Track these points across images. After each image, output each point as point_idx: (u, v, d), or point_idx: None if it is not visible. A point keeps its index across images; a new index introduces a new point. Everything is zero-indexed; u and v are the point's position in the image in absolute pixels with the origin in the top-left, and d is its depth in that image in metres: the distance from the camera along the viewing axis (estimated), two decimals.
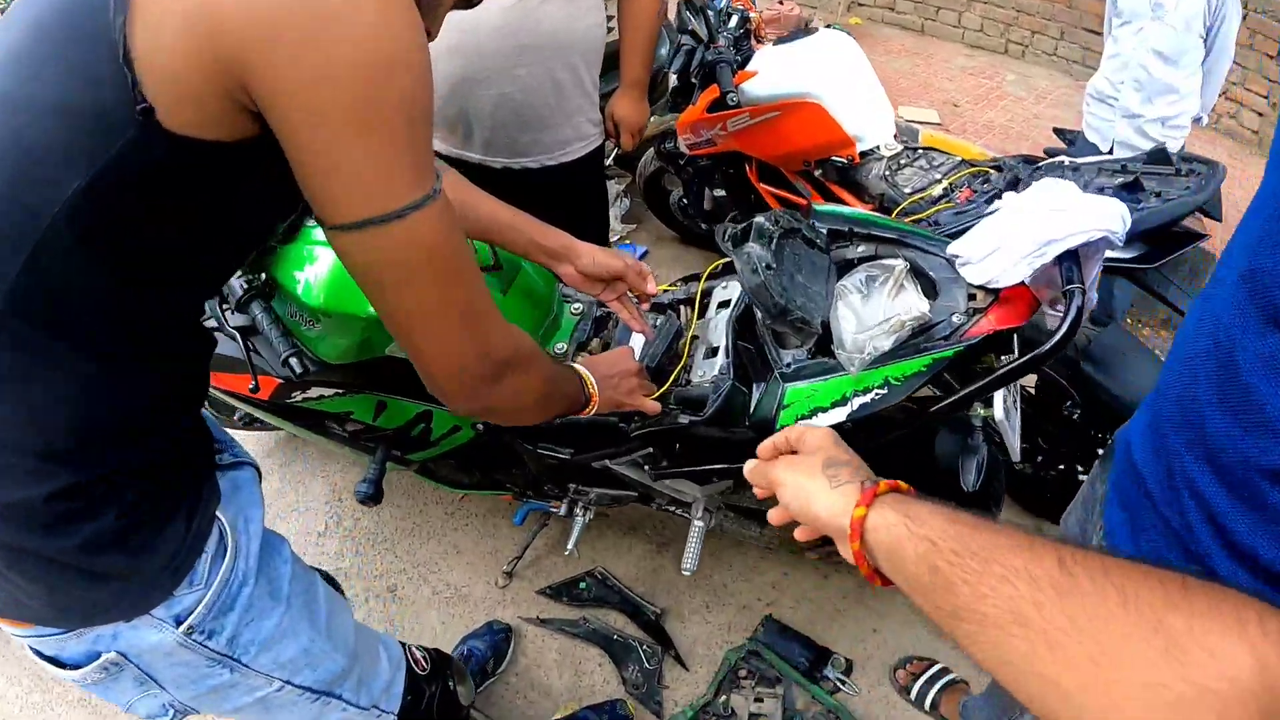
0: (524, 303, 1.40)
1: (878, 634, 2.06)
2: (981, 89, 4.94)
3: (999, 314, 1.15)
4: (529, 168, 1.90)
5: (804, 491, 0.69)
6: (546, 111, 1.84)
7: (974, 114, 4.58)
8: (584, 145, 1.95)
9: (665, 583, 2.18)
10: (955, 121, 4.47)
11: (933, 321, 1.16)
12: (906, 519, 0.58)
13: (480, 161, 1.89)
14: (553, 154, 1.91)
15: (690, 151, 2.74)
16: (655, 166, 3.13)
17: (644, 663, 1.99)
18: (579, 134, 1.93)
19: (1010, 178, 1.87)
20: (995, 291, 1.17)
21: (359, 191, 0.66)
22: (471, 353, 0.81)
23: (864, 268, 1.28)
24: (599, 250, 1.32)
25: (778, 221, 1.23)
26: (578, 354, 1.48)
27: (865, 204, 2.17)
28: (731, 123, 2.41)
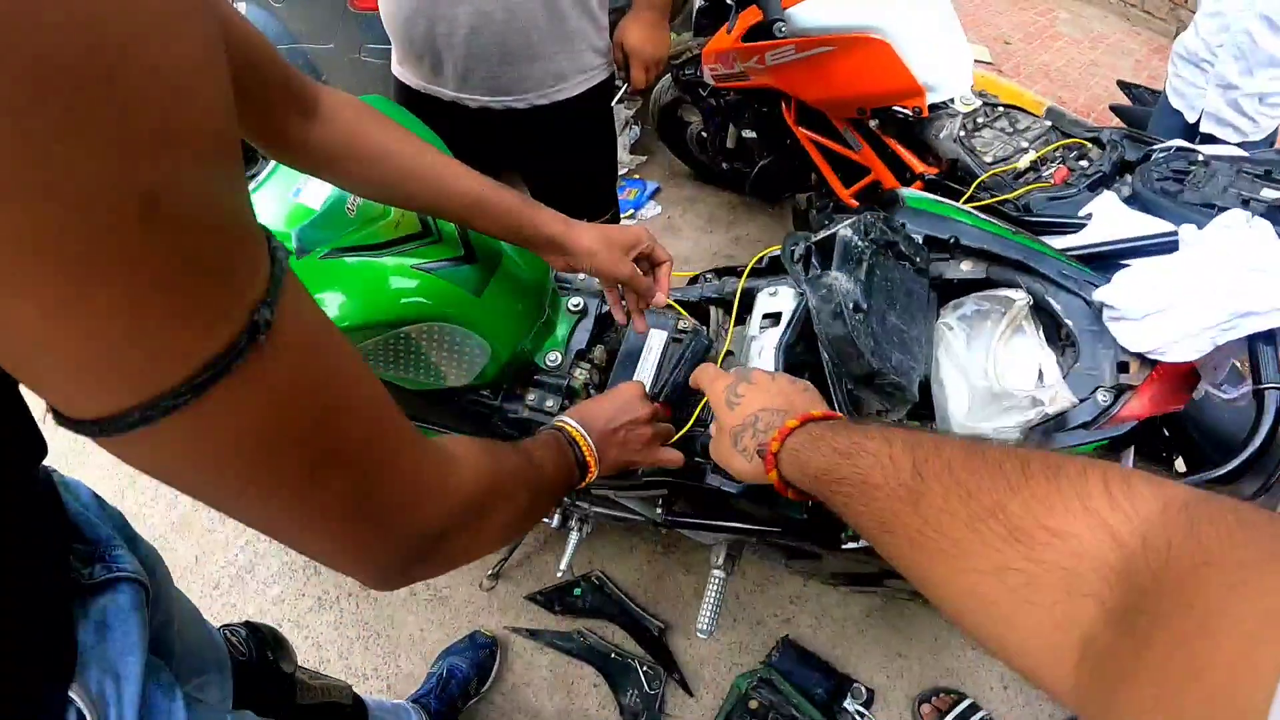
0: (506, 304, 1.08)
1: (903, 659, 1.85)
2: (1034, 26, 4.47)
3: (1154, 394, 0.86)
4: (514, 108, 1.53)
5: (732, 466, 0.79)
6: (537, 36, 1.44)
7: (1027, 55, 4.12)
8: (585, 79, 1.57)
9: (669, 592, 1.94)
10: (1008, 61, 4.02)
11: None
12: (801, 472, 0.65)
13: (454, 99, 1.52)
14: (544, 91, 1.53)
15: (716, 84, 2.36)
16: (672, 95, 2.73)
17: (644, 686, 1.78)
18: (579, 65, 1.54)
19: (1116, 158, 1.52)
20: (1152, 362, 0.87)
21: (74, 374, 0.32)
22: (382, 545, 0.51)
23: (972, 300, 0.97)
24: (602, 249, 0.99)
25: (867, 232, 0.91)
26: (576, 364, 1.17)
27: (930, 168, 1.83)
28: (772, 55, 2.03)
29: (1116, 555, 0.37)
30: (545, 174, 1.76)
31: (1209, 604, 0.30)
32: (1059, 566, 0.38)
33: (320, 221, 0.96)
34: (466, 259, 1.01)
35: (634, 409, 0.96)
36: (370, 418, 0.46)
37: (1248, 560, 0.30)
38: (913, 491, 0.50)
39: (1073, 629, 0.37)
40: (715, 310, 1.25)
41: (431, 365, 1.06)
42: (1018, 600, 0.40)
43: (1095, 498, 0.39)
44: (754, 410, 0.76)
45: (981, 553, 0.43)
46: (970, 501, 0.45)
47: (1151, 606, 0.33)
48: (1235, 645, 0.27)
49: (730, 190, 3.05)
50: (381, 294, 0.97)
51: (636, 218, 2.99)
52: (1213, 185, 1.34)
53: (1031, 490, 0.42)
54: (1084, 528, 0.39)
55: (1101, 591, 0.36)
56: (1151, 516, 0.37)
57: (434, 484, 0.53)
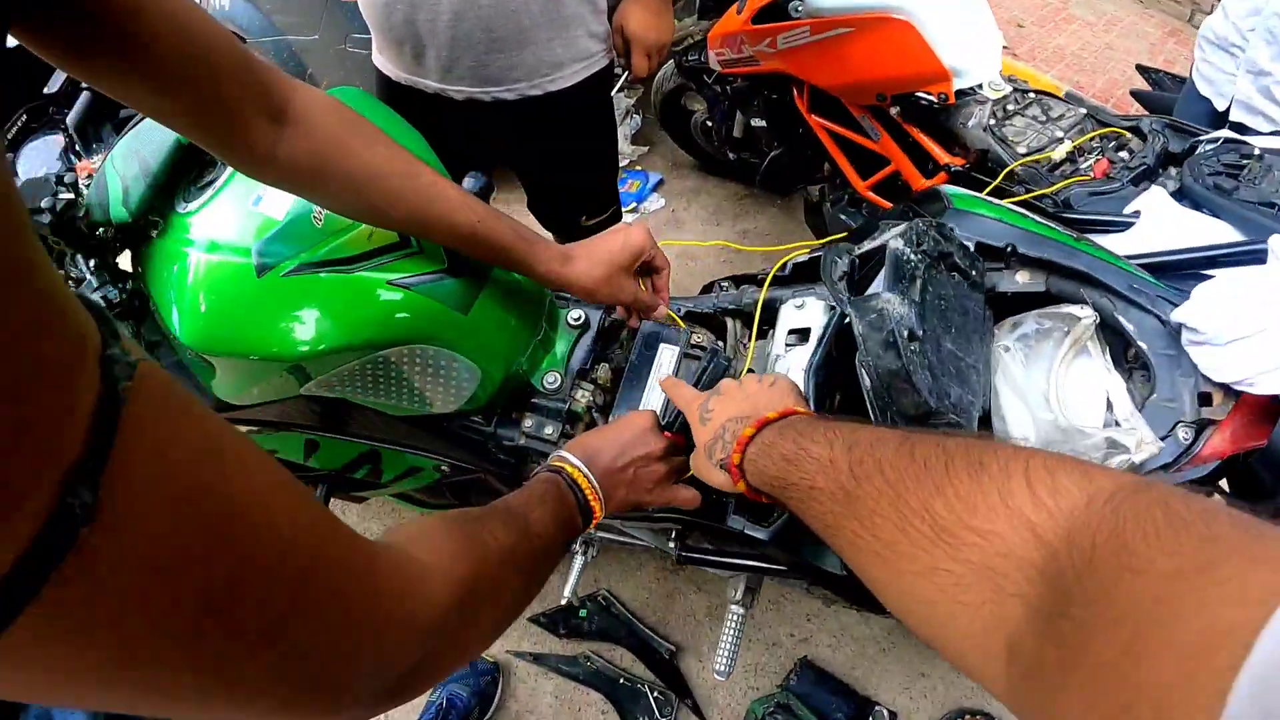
0: (496, 321, 0.96)
1: (926, 679, 1.75)
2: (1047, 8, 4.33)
3: (1235, 429, 0.75)
4: (503, 99, 1.39)
5: (712, 481, 0.75)
6: (529, 21, 1.31)
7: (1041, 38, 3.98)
8: (582, 68, 1.43)
9: (680, 611, 1.84)
10: (1022, 44, 3.88)
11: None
12: (761, 480, 0.64)
13: (438, 91, 1.38)
14: (536, 81, 1.38)
15: (723, 70, 2.23)
16: (676, 83, 2.60)
17: (655, 712, 1.68)
18: (575, 52, 1.40)
19: (1160, 149, 1.40)
20: (1237, 394, 0.76)
21: None
22: (338, 703, 0.39)
23: (1033, 318, 0.85)
24: (602, 280, 0.91)
25: (919, 243, 0.79)
26: (577, 385, 1.05)
27: (957, 159, 1.70)
28: (784, 38, 1.90)
29: (1040, 554, 0.35)
30: (540, 171, 1.63)
31: (1136, 620, 0.28)
32: (985, 567, 0.38)
33: (283, 234, 0.84)
34: (450, 272, 0.89)
35: (645, 443, 0.85)
36: (300, 562, 0.34)
37: (1175, 570, 0.28)
38: (849, 494, 0.49)
39: (1000, 629, 0.36)
40: (732, 323, 1.13)
41: (415, 391, 0.94)
42: (950, 601, 0.39)
43: (1017, 495, 0.38)
44: (721, 422, 0.73)
45: (912, 554, 0.42)
46: (899, 503, 0.44)
47: (1076, 613, 0.31)
48: (1167, 677, 0.25)
49: (737, 182, 2.93)
50: (354, 315, 0.85)
51: (639, 211, 2.87)
52: (1270, 181, 1.22)
53: (955, 489, 0.41)
54: (1006, 526, 0.37)
55: (1027, 592, 0.35)
56: (1075, 513, 0.35)
57: (396, 615, 0.42)
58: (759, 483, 0.65)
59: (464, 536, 0.55)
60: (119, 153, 0.89)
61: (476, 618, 0.52)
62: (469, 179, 1.14)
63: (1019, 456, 0.40)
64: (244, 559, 0.30)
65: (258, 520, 0.31)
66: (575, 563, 1.47)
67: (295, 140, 0.71)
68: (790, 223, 2.78)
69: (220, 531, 0.29)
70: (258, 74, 0.67)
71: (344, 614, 0.37)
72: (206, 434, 0.30)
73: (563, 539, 0.72)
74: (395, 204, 0.78)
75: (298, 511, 0.34)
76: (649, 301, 0.97)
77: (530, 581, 0.65)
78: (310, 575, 0.34)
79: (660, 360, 1.04)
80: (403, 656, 0.42)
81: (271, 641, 0.32)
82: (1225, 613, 0.25)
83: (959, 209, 0.91)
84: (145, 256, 0.90)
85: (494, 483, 1.16)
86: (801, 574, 0.91)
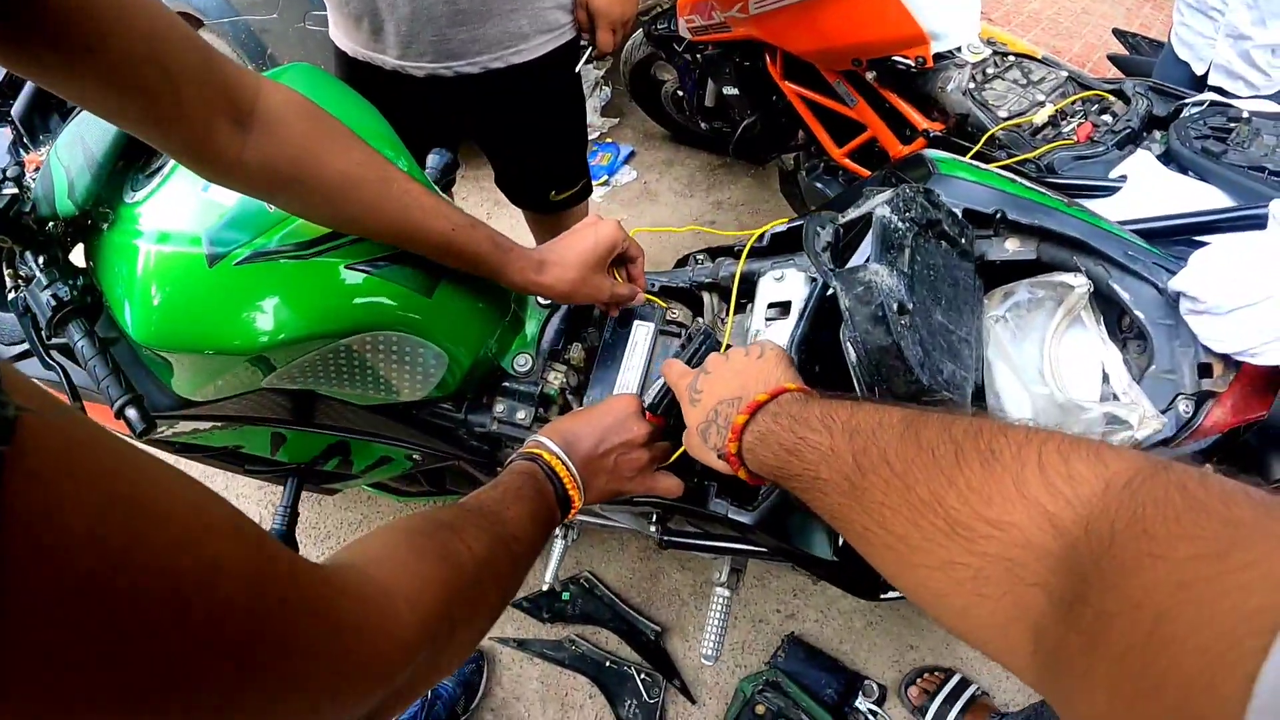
0: (462, 304, 0.90)
1: (915, 651, 1.75)
2: None
3: (1236, 401, 0.73)
4: (466, 74, 1.33)
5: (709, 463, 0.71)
6: None
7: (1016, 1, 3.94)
8: (549, 39, 1.37)
9: (665, 591, 1.81)
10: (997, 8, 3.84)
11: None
12: (760, 468, 0.62)
13: (396, 67, 1.32)
14: (500, 54, 1.33)
15: (693, 38, 2.17)
16: (645, 52, 2.53)
17: (642, 694, 1.66)
18: (541, 24, 1.34)
19: (1144, 112, 1.37)
20: (1237, 364, 0.73)
21: None
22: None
23: (1024, 286, 0.82)
24: (578, 284, 0.89)
25: (906, 210, 0.75)
26: (549, 367, 1.01)
27: (935, 124, 1.66)
28: (756, 3, 1.84)
29: (1059, 544, 0.35)
30: (507, 145, 1.57)
31: (1158, 605, 0.27)
32: (1003, 559, 0.37)
33: (235, 221, 0.78)
34: (411, 254, 0.84)
35: (628, 429, 0.81)
36: (245, 623, 0.30)
37: (1197, 554, 0.27)
38: (855, 486, 0.48)
39: (1023, 620, 0.36)
40: (709, 297, 1.09)
41: (381, 379, 0.90)
42: (968, 593, 0.39)
43: (1032, 483, 0.37)
44: (713, 404, 0.70)
45: (926, 548, 0.41)
46: (909, 494, 0.43)
47: (1096, 599, 0.30)
48: (1192, 661, 0.25)
49: (710, 152, 2.88)
50: (313, 303, 0.80)
51: (610, 184, 2.81)
52: (1259, 145, 1.20)
53: (967, 479, 0.40)
54: (1024, 517, 0.37)
55: (1047, 581, 0.34)
56: (1092, 499, 0.35)
57: (358, 656, 0.37)
58: (760, 471, 0.63)
59: (435, 552, 0.50)
60: (63, 142, 0.84)
61: (450, 641, 0.48)
62: (433, 156, 1.08)
63: (1031, 442, 0.39)
64: (173, 637, 0.26)
65: (187, 583, 0.27)
66: (556, 547, 1.43)
67: (263, 145, 0.66)
68: (765, 192, 2.74)
69: (141, 614, 0.25)
70: (219, 73, 0.62)
71: (301, 667, 0.33)
72: (114, 491, 0.25)
73: (541, 536, 0.69)
74: (370, 214, 0.75)
75: (238, 558, 0.30)
76: (626, 295, 0.95)
77: (508, 590, 0.61)
78: (258, 635, 0.30)
79: (635, 338, 0.99)
80: (366, 700, 0.38)
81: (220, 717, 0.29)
82: (1250, 597, 0.25)
83: (944, 173, 0.88)
84: (96, 250, 0.85)
85: (469, 469, 1.12)
86: (788, 559, 0.88)
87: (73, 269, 0.84)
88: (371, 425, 1.03)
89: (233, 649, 0.29)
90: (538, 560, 1.34)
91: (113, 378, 0.77)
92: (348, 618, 0.37)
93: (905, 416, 0.49)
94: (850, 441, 0.50)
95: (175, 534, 0.27)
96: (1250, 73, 2.02)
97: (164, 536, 0.27)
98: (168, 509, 0.27)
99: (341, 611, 0.37)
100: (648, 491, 0.84)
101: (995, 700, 1.64)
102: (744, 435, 0.64)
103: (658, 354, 0.99)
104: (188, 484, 0.30)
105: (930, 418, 0.47)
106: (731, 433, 0.64)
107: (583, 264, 0.87)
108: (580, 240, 0.89)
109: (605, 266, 0.91)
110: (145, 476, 0.27)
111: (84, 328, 0.80)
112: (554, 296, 0.89)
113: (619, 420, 0.81)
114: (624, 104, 3.03)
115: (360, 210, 0.74)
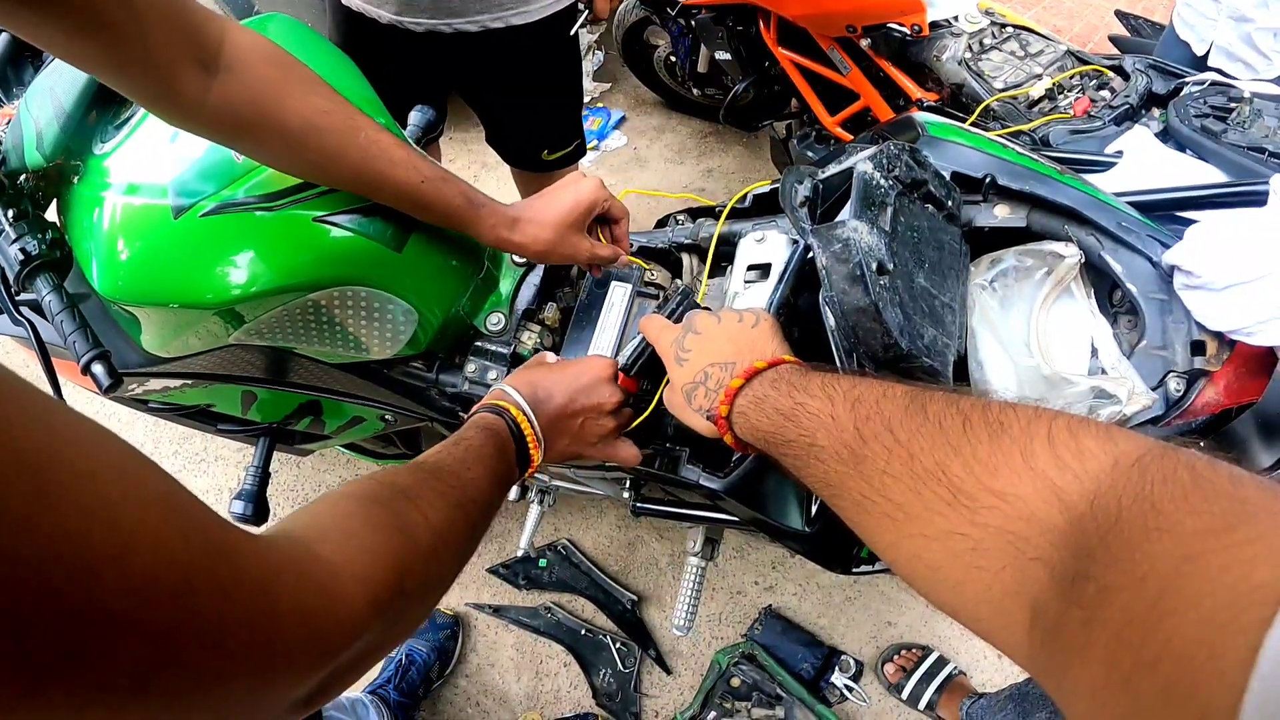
0: (434, 259, 0.87)
1: (893, 627, 1.75)
2: None
3: (1229, 381, 0.71)
4: (464, 31, 1.30)
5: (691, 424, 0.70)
6: None
7: None
8: (549, 4, 1.34)
9: (642, 560, 1.80)
10: None
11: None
12: (752, 435, 0.60)
13: (393, 22, 1.28)
14: (500, 13, 1.29)
15: (686, 1, 2.12)
16: (638, 16, 2.48)
17: (618, 664, 1.66)
18: None
19: (1143, 89, 1.34)
20: (1231, 343, 0.71)
21: None
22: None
23: (1013, 254, 0.80)
24: (555, 242, 0.85)
25: (890, 168, 0.72)
26: (523, 326, 0.98)
27: (930, 93, 1.63)
28: None
29: (1063, 518, 0.34)
30: (503, 104, 1.54)
31: (1162, 578, 0.27)
32: (1005, 531, 0.36)
33: (201, 172, 0.75)
34: (381, 206, 0.81)
35: (599, 393, 0.79)
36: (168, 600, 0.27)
37: (1204, 528, 0.27)
38: (855, 454, 0.47)
39: (1022, 595, 0.35)
40: (688, 258, 1.06)
41: (350, 336, 0.87)
42: (965, 566, 0.38)
43: (1040, 457, 0.37)
44: (702, 366, 0.68)
45: (926, 517, 0.40)
46: (912, 463, 0.42)
47: (1099, 574, 0.30)
48: (1193, 632, 0.25)
49: (701, 118, 2.83)
50: (279, 256, 0.77)
51: (600, 149, 2.76)
52: (1260, 126, 1.18)
53: (974, 450, 0.40)
54: (1029, 490, 0.36)
55: (1050, 556, 0.34)
56: (1101, 475, 0.34)
57: (298, 638, 0.35)
58: (748, 436, 0.62)
59: (388, 523, 0.48)
60: (33, 93, 0.83)
61: (401, 616, 0.46)
62: (415, 113, 1.04)
63: (1041, 418, 0.39)
64: (80, 610, 0.24)
65: (97, 555, 0.25)
66: (532, 513, 1.42)
67: (227, 89, 0.64)
68: (756, 160, 2.70)
69: (44, 583, 0.23)
70: (187, 15, 0.60)
71: (231, 651, 0.30)
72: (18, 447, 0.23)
73: (499, 496, 0.67)
74: (334, 161, 0.72)
75: (162, 531, 0.28)
76: (607, 255, 0.90)
77: (463, 557, 0.59)
78: (181, 617, 0.28)
79: (612, 299, 0.97)
80: (304, 682, 0.36)
81: (137, 700, 0.26)
82: (1255, 570, 0.24)
83: (934, 136, 0.85)
84: (67, 204, 0.83)
85: (441, 430, 1.10)
86: (760, 528, 0.86)
87: (43, 223, 0.81)
88: (343, 384, 1.00)
89: (149, 629, 0.26)
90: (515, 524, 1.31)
91: (80, 333, 0.75)
92: (287, 600, 0.34)
93: (910, 390, 0.48)
94: (853, 410, 0.49)
95: (87, 499, 0.25)
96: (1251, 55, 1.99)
97: (73, 500, 0.24)
98: (84, 471, 0.25)
99: (281, 593, 0.34)
100: (607, 459, 0.82)
101: (973, 680, 1.64)
102: (736, 399, 0.63)
103: (634, 315, 0.96)
104: (116, 449, 0.27)
105: (936, 393, 0.46)
106: (725, 395, 0.63)
107: (560, 223, 0.84)
108: (558, 198, 0.85)
109: (584, 226, 0.87)
110: (61, 435, 0.25)
111: (52, 281, 0.77)
112: (528, 255, 0.86)
113: (592, 382, 0.79)
114: (616, 69, 2.97)
115: (323, 157, 0.71)
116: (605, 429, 0.79)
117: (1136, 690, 0.26)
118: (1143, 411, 0.69)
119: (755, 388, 0.61)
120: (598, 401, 0.78)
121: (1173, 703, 0.25)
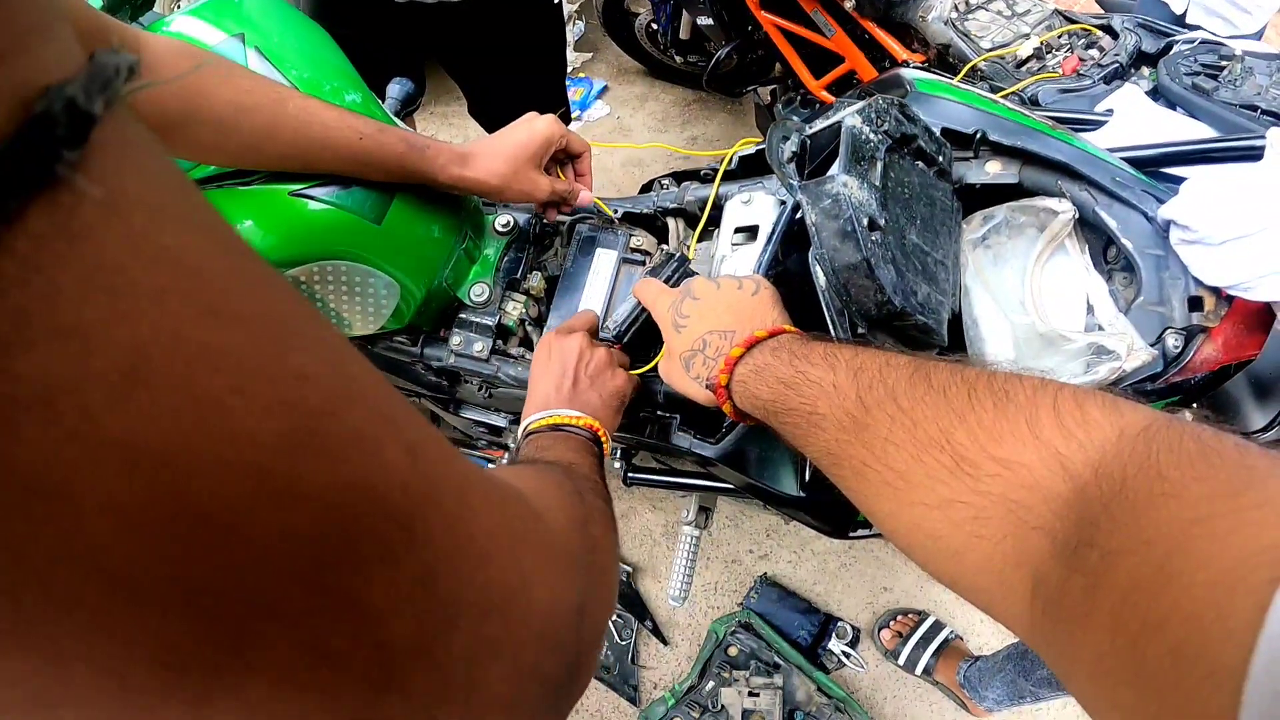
0: (415, 230, 0.85)
1: (889, 593, 1.75)
2: None
3: (1227, 338, 0.70)
4: (448, 1, 1.27)
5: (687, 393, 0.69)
6: None
7: None
8: None
9: (636, 531, 1.80)
10: None
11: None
12: (752, 404, 0.60)
13: None
14: None
15: None
16: None
17: (614, 637, 1.66)
18: None
19: (1132, 47, 1.33)
20: (1229, 299, 0.70)
21: None
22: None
23: (1005, 209, 0.78)
24: (509, 177, 0.83)
25: (879, 122, 0.70)
26: (508, 296, 0.96)
27: (916, 54, 1.60)
28: None
29: (1068, 487, 0.34)
30: (486, 74, 1.51)
31: (1169, 541, 0.27)
32: (1007, 499, 0.36)
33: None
34: (359, 180, 0.79)
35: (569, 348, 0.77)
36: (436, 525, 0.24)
37: (1211, 493, 0.27)
38: (857, 421, 0.47)
39: (1023, 564, 0.35)
40: (674, 223, 1.04)
41: (331, 312, 0.85)
42: (966, 535, 0.38)
43: (1046, 425, 0.37)
44: (701, 333, 0.67)
45: (927, 485, 0.40)
46: (915, 431, 0.42)
47: (1103, 540, 0.30)
48: (1201, 593, 0.24)
49: (685, 86, 2.78)
50: (254, 233, 0.75)
51: (583, 119, 2.72)
52: (1251, 84, 1.17)
53: (978, 418, 0.39)
54: (1034, 458, 0.36)
55: (1052, 525, 0.34)
56: (1106, 445, 0.34)
57: (555, 596, 0.30)
58: (747, 406, 0.61)
59: (574, 496, 0.44)
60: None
61: (600, 592, 0.39)
62: (394, 85, 1.02)
63: (1046, 388, 0.39)
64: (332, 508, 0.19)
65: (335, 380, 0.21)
66: None
67: (151, 91, 0.61)
68: (741, 127, 2.67)
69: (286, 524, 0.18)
70: (104, 33, 0.58)
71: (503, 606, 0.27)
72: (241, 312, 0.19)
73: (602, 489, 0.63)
74: (269, 137, 0.71)
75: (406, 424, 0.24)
76: (566, 189, 0.88)
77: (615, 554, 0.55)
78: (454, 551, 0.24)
79: (597, 266, 0.95)
80: (561, 656, 0.31)
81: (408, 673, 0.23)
82: (1263, 533, 0.25)
83: (922, 92, 0.83)
84: None
85: (430, 406, 1.08)
86: (753, 494, 0.85)
87: None
88: None
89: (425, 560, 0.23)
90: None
91: None
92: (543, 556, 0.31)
93: (914, 360, 0.48)
94: (855, 378, 0.49)
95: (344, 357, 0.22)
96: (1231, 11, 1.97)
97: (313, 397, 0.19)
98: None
99: (539, 547, 0.31)
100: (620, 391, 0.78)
101: (970, 643, 1.65)
102: (736, 368, 0.62)
103: (621, 282, 0.95)
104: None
105: (940, 363, 0.46)
106: (725, 364, 0.63)
107: (514, 157, 0.82)
108: (512, 133, 0.84)
109: (541, 162, 0.85)
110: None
111: None
112: (484, 192, 0.83)
113: (559, 352, 0.77)
114: (598, 38, 2.92)
115: (257, 136, 0.70)
116: (602, 361, 0.78)
117: (1143, 653, 0.26)
118: (1142, 368, 0.68)
119: (756, 357, 0.61)
120: (575, 351, 0.77)
121: (1181, 663, 0.24)
